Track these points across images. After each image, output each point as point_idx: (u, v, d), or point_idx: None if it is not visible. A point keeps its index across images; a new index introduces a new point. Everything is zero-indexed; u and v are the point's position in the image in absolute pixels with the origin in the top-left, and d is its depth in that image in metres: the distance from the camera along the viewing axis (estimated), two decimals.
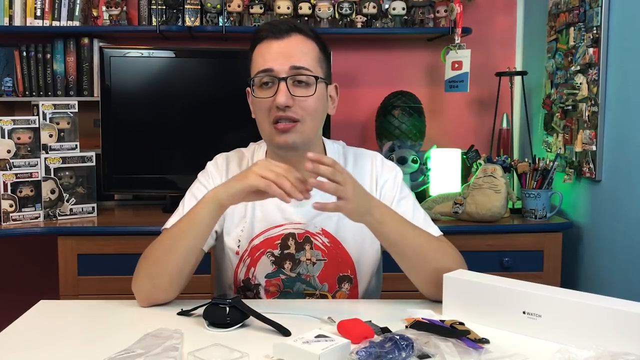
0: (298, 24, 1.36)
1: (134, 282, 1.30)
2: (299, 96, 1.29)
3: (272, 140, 1.33)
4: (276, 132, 1.31)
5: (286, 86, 1.28)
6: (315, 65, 1.32)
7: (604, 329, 1.03)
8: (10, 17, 2.55)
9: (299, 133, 1.31)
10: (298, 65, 1.30)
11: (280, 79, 1.29)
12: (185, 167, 2.43)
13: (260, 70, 1.31)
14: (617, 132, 2.07)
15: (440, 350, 1.00)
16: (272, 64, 1.29)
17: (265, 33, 1.33)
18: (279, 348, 1.00)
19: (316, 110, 1.32)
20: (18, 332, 1.18)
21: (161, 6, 2.58)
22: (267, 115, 1.31)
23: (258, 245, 1.39)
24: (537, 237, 2.27)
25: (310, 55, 1.32)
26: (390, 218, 1.27)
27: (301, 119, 1.30)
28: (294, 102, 1.29)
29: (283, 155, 1.35)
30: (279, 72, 1.29)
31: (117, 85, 2.46)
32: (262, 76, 1.31)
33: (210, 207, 1.25)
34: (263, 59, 1.31)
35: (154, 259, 1.29)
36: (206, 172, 1.44)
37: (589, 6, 2.18)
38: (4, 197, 2.22)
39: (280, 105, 1.28)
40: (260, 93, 1.32)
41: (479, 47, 2.76)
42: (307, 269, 1.39)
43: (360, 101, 2.79)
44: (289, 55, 1.30)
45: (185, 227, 1.28)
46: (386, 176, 1.43)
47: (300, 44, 1.32)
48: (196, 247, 1.30)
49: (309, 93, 1.30)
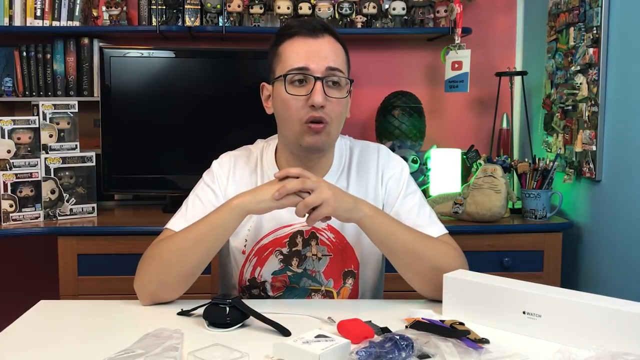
0: (329, 24, 1.37)
1: (137, 279, 1.30)
2: (333, 97, 1.30)
3: (302, 139, 1.31)
4: (308, 132, 1.30)
5: (322, 86, 1.28)
6: (345, 68, 1.34)
7: (604, 329, 1.03)
8: (10, 17, 2.55)
9: (327, 135, 1.31)
10: (333, 66, 1.30)
11: (317, 78, 1.28)
12: (185, 167, 2.45)
13: (295, 67, 1.29)
14: (617, 132, 2.07)
15: (440, 350, 1.00)
16: (308, 62, 1.29)
17: (299, 29, 1.32)
18: (279, 348, 1.00)
19: (342, 113, 1.34)
20: (18, 332, 1.18)
21: (161, 6, 2.58)
22: (298, 114, 1.30)
23: (267, 245, 1.39)
24: (537, 237, 2.27)
25: (342, 58, 1.34)
26: (379, 215, 1.29)
27: (330, 122, 1.30)
28: (327, 102, 1.29)
29: (304, 155, 1.35)
30: (314, 72, 1.29)
31: (117, 85, 2.46)
32: (297, 73, 1.30)
33: (236, 214, 1.26)
34: (298, 56, 1.30)
35: (167, 259, 1.28)
36: (211, 172, 1.43)
37: (589, 6, 2.18)
38: (4, 197, 2.22)
39: (316, 105, 1.27)
40: (292, 90, 1.30)
41: (479, 47, 2.76)
42: (313, 264, 1.40)
43: (360, 101, 2.79)
44: (324, 55, 1.30)
45: (207, 231, 1.27)
46: (392, 171, 1.43)
47: (332, 46, 1.33)
48: (215, 250, 1.30)
49: (342, 95, 1.32)
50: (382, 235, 1.28)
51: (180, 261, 1.27)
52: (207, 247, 1.28)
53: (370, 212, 1.27)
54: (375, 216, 1.27)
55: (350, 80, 1.33)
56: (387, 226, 1.28)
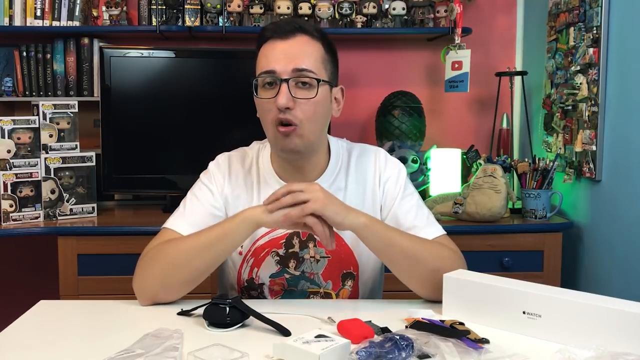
0: (304, 23, 1.36)
1: (137, 279, 1.30)
2: (300, 98, 1.29)
3: (276, 143, 1.33)
4: (279, 135, 1.30)
5: (287, 88, 1.28)
6: (319, 67, 1.31)
7: (604, 329, 1.03)
8: (10, 17, 2.55)
9: (299, 137, 1.30)
10: (301, 67, 1.29)
11: (282, 80, 1.28)
12: (185, 167, 2.44)
13: (263, 71, 1.30)
14: (617, 132, 2.07)
15: (440, 350, 1.00)
16: (274, 65, 1.29)
17: (270, 33, 1.32)
18: (279, 348, 1.00)
19: (315, 114, 1.31)
20: (18, 332, 1.17)
21: (161, 6, 2.58)
22: (269, 116, 1.31)
23: (263, 245, 1.39)
24: (537, 237, 2.27)
25: (314, 57, 1.31)
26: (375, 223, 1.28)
27: (299, 124, 1.29)
28: (294, 104, 1.28)
29: (288, 158, 1.35)
30: (281, 74, 1.28)
31: (117, 85, 2.46)
32: (265, 77, 1.30)
33: (248, 226, 1.26)
34: (266, 60, 1.31)
35: (172, 262, 1.27)
36: (208, 173, 1.44)
37: (589, 6, 2.18)
38: (4, 197, 2.22)
39: (280, 107, 1.27)
40: (263, 93, 1.31)
41: (479, 47, 2.76)
42: (311, 266, 1.39)
43: (360, 101, 2.79)
44: (292, 56, 1.29)
45: (216, 239, 1.27)
46: (389, 173, 1.43)
47: (304, 45, 1.31)
48: (222, 259, 1.32)
49: (311, 95, 1.30)
50: (380, 243, 1.28)
51: (186, 265, 1.27)
52: (215, 254, 1.28)
53: (366, 221, 1.27)
54: (371, 225, 1.27)
55: (318, 80, 1.30)
56: (384, 234, 1.28)
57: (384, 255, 1.31)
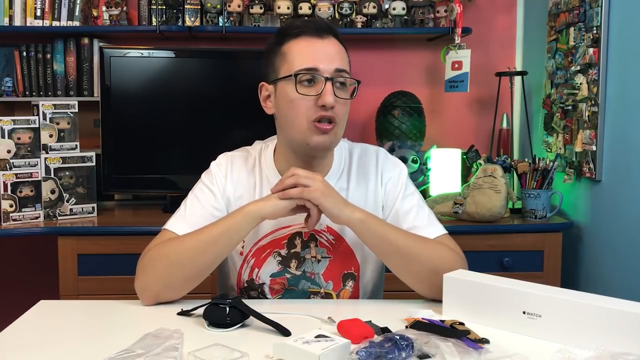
0: (333, 26, 1.37)
1: (139, 279, 1.29)
2: (341, 98, 1.31)
3: (309, 139, 1.31)
4: (316, 131, 1.30)
5: (332, 87, 1.29)
6: (349, 70, 1.35)
7: (604, 329, 1.03)
8: (10, 17, 2.55)
9: (334, 135, 1.32)
10: (341, 67, 1.31)
11: (327, 79, 1.29)
12: (186, 167, 2.44)
13: (305, 68, 1.29)
14: (617, 132, 2.07)
15: (440, 350, 1.00)
16: (317, 63, 1.29)
17: (304, 29, 1.32)
18: (279, 348, 1.00)
19: (346, 114, 1.35)
20: (18, 332, 1.17)
21: (161, 6, 2.58)
22: (307, 113, 1.30)
23: (265, 246, 1.39)
24: (537, 237, 2.27)
25: (346, 60, 1.35)
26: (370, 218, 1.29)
27: (338, 122, 1.31)
28: (336, 103, 1.30)
29: (306, 155, 1.35)
30: (324, 72, 1.29)
31: (117, 85, 2.46)
32: (306, 73, 1.30)
33: (250, 220, 1.28)
34: (307, 56, 1.30)
35: (175, 261, 1.27)
36: (210, 173, 1.43)
37: (589, 6, 2.18)
38: (4, 197, 2.22)
39: (328, 105, 1.28)
40: (302, 90, 1.30)
41: (479, 47, 2.76)
42: (312, 266, 1.39)
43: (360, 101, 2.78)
44: (332, 56, 1.31)
45: (219, 234, 1.28)
46: (390, 172, 1.43)
47: (337, 47, 1.34)
48: (224, 255, 1.32)
49: (347, 96, 1.33)
50: (376, 239, 1.29)
51: (189, 263, 1.27)
52: (219, 250, 1.29)
53: (362, 216, 1.28)
54: (366, 220, 1.28)
55: (358, 81, 1.35)
56: (380, 230, 1.29)
57: (379, 252, 1.32)
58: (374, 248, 1.32)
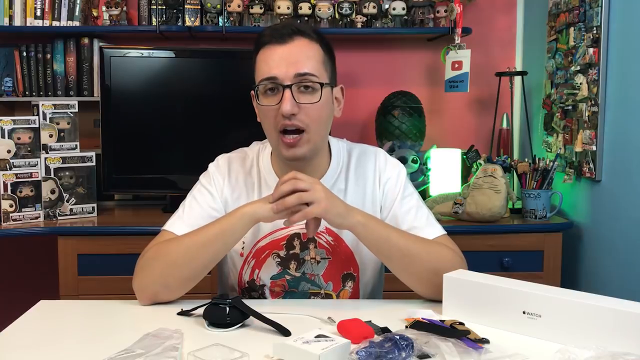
0: (301, 26, 1.35)
1: (137, 279, 1.30)
2: (305, 103, 1.28)
3: (280, 151, 1.32)
4: (283, 145, 1.30)
5: (291, 93, 1.27)
6: (320, 69, 1.31)
7: (604, 329, 1.03)
8: (10, 17, 2.55)
9: (306, 143, 1.30)
10: (302, 71, 1.28)
11: (284, 87, 1.27)
12: (186, 167, 2.44)
13: (264, 78, 1.29)
14: (617, 132, 2.07)
15: (440, 350, 1.00)
16: (276, 71, 1.28)
17: (268, 38, 1.31)
18: (279, 348, 1.00)
19: (321, 117, 1.31)
20: (18, 332, 1.18)
21: (161, 6, 2.58)
22: (273, 123, 1.30)
23: (264, 247, 1.39)
24: (537, 237, 2.27)
25: (315, 59, 1.31)
26: (371, 221, 1.29)
27: (307, 128, 1.29)
28: (299, 109, 1.28)
29: (291, 164, 1.34)
30: (283, 80, 1.27)
31: (117, 85, 2.46)
32: (266, 84, 1.29)
33: (246, 221, 1.27)
34: (267, 66, 1.29)
35: (172, 261, 1.27)
36: (208, 175, 1.43)
37: (589, 6, 2.18)
38: (4, 197, 2.22)
39: (285, 114, 1.26)
40: (265, 100, 1.30)
41: (479, 47, 2.76)
42: (311, 268, 1.39)
43: (360, 101, 2.79)
44: (292, 61, 1.28)
45: (215, 235, 1.28)
46: (389, 173, 1.43)
47: (304, 48, 1.30)
48: (221, 255, 1.31)
49: (315, 100, 1.29)
50: (377, 242, 1.29)
51: (186, 263, 1.27)
52: (215, 250, 1.29)
53: (363, 220, 1.27)
54: (367, 223, 1.28)
55: (321, 84, 1.29)
56: (381, 232, 1.28)
57: (380, 253, 1.32)
58: (374, 250, 1.31)
